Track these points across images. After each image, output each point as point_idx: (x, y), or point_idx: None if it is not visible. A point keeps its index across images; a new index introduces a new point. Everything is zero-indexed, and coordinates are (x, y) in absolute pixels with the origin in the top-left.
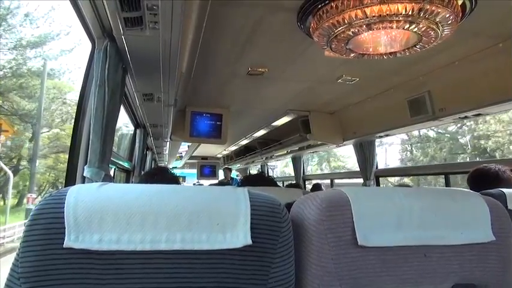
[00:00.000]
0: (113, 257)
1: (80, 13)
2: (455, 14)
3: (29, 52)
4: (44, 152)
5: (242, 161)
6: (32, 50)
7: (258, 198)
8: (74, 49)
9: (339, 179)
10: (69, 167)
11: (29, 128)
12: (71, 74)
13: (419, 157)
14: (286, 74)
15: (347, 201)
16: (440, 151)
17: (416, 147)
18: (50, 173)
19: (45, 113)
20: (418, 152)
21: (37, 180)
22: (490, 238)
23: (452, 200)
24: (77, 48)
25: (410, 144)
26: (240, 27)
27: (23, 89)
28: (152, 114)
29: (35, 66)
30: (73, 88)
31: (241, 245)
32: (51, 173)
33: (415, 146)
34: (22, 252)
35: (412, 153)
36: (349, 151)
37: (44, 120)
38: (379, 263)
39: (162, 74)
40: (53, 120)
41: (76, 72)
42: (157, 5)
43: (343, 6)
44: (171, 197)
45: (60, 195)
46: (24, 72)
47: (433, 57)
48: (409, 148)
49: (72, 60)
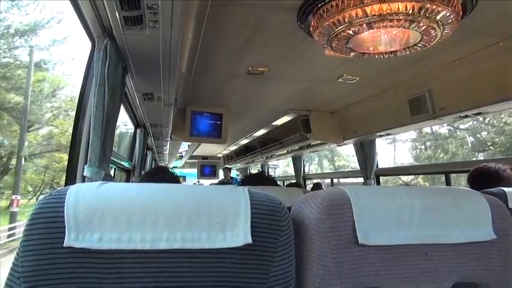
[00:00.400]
0: (113, 256)
1: (80, 12)
2: (455, 12)
3: (16, 40)
4: (35, 150)
5: (242, 160)
6: (19, 38)
7: (258, 197)
8: (67, 39)
9: (343, 178)
10: (69, 166)
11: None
12: (63, 66)
13: (439, 154)
14: (287, 73)
15: (348, 200)
16: (462, 147)
17: (434, 143)
18: (44, 173)
19: (34, 107)
20: (436, 149)
21: (32, 181)
22: (491, 236)
23: (452, 199)
24: (70, 38)
25: (424, 142)
26: (240, 26)
27: (8, 80)
28: (152, 114)
29: (22, 55)
30: (66, 82)
31: (241, 243)
32: (46, 173)
33: (432, 142)
34: (22, 252)
35: (427, 150)
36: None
37: (32, 115)
38: (379, 262)
39: (162, 73)
40: (43, 115)
41: (69, 65)
42: (157, 4)
43: (343, 5)
44: (172, 196)
45: (60, 194)
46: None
47: (433, 56)
48: (422, 146)
49: (66, 51)
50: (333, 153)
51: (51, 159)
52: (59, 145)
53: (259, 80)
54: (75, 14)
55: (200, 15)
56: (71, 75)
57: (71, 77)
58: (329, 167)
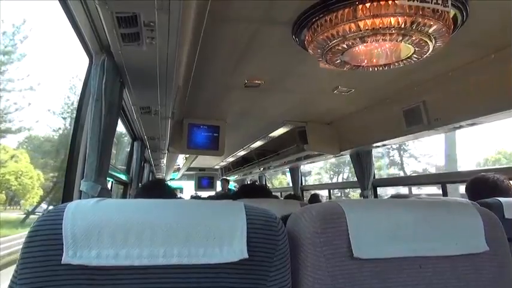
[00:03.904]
0: (111, 272)
1: (78, 29)
2: (447, 26)
3: None
4: None
5: (240, 171)
6: None
7: (254, 211)
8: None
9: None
10: (66, 181)
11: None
12: None
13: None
14: (283, 85)
15: (342, 213)
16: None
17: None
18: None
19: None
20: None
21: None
22: (484, 248)
23: (446, 211)
24: None
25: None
26: (236, 40)
27: None
28: (149, 127)
29: None
30: None
31: (237, 258)
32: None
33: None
34: (20, 269)
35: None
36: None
37: None
38: (374, 275)
39: (159, 88)
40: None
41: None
42: (154, 22)
43: (337, 19)
44: (168, 211)
45: (58, 212)
46: None
47: (427, 68)
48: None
49: None
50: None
51: None
52: None
53: (255, 92)
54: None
55: (197, 30)
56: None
57: None
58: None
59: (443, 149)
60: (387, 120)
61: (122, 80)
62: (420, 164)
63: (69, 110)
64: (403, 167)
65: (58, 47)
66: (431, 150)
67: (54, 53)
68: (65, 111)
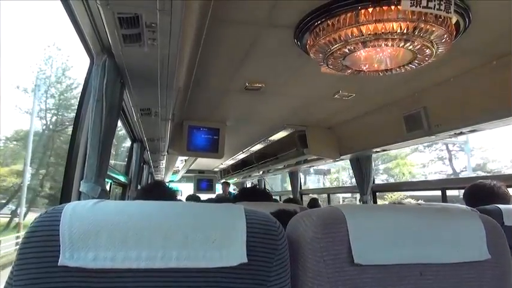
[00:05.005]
0: (108, 275)
1: (79, 29)
2: (449, 32)
3: None
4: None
5: (239, 174)
6: None
7: (254, 216)
8: None
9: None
10: (65, 181)
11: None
12: None
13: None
14: (283, 89)
15: (343, 218)
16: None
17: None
18: None
19: None
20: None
21: None
22: (486, 256)
23: (447, 218)
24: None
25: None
26: (237, 43)
27: None
28: (149, 129)
29: None
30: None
31: (237, 263)
32: None
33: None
34: (16, 270)
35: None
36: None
37: None
38: (375, 282)
39: (160, 89)
40: None
41: None
42: (156, 23)
43: (339, 24)
44: (167, 213)
45: (55, 213)
46: None
47: (428, 74)
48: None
49: None
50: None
51: None
52: None
53: (256, 95)
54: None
55: (198, 32)
56: None
57: None
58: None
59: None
60: (387, 125)
61: (123, 81)
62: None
63: None
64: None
65: (58, 47)
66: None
67: (54, 53)
68: None
